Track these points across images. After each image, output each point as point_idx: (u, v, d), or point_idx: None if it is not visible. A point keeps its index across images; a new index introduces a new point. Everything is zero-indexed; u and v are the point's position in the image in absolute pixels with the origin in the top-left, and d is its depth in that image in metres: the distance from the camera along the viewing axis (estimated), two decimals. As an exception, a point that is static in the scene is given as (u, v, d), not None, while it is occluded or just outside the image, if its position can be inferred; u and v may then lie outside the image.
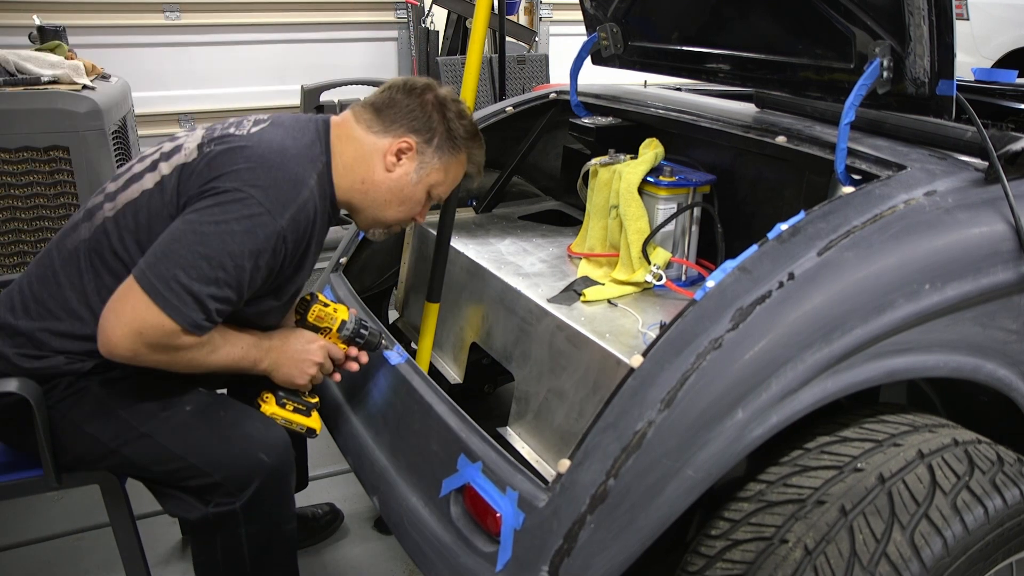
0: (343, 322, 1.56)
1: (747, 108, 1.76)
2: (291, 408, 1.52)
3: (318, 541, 2.05)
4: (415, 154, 1.49)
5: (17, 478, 1.48)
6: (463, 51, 4.71)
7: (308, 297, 1.56)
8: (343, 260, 2.03)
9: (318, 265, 1.72)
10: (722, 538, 1.12)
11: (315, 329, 1.55)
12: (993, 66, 4.94)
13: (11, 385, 1.36)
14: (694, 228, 1.72)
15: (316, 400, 1.57)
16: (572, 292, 1.61)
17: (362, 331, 1.57)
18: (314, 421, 1.55)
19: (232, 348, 1.41)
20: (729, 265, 1.17)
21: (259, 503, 1.41)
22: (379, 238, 1.63)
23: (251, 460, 1.40)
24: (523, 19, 5.38)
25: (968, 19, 5.22)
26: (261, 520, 1.43)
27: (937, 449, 1.11)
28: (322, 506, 2.10)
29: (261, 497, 1.40)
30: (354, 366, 1.60)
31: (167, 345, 1.30)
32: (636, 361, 1.14)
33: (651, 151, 1.72)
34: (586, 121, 1.99)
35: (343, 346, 1.57)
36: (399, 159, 1.49)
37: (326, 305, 1.56)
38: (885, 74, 1.36)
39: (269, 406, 1.50)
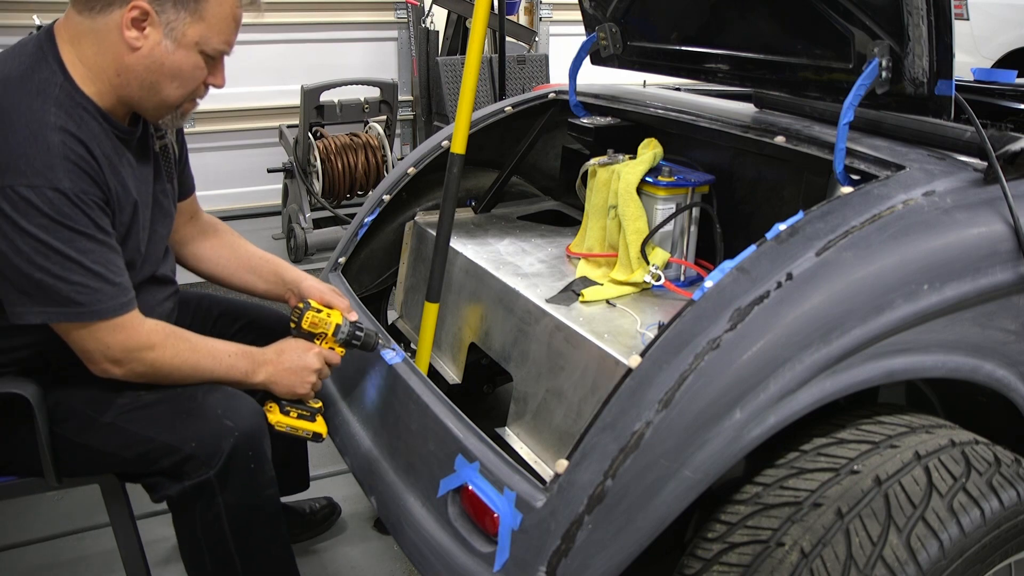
0: (337, 326, 1.55)
1: (746, 108, 1.75)
2: (295, 415, 1.53)
3: (316, 535, 2.05)
4: (154, 16, 1.27)
5: (17, 478, 1.48)
6: (463, 51, 4.71)
7: (301, 304, 1.55)
8: (342, 260, 2.02)
9: (317, 265, 1.72)
10: (718, 541, 1.12)
11: (310, 336, 1.54)
12: (993, 66, 4.94)
13: (11, 385, 1.36)
14: (693, 228, 1.72)
15: (320, 405, 1.57)
16: (571, 292, 1.61)
17: (357, 333, 1.56)
18: (319, 426, 1.56)
19: (211, 356, 1.42)
20: (727, 265, 1.17)
21: (233, 469, 1.40)
22: (180, 122, 1.47)
23: (217, 427, 1.39)
24: (523, 19, 5.38)
25: (968, 19, 5.21)
26: (238, 487, 1.42)
27: (934, 451, 1.11)
28: (319, 500, 2.10)
29: (234, 462, 1.40)
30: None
31: (127, 348, 1.32)
32: (634, 361, 1.14)
33: (650, 151, 1.72)
34: (585, 121, 1.99)
35: (340, 350, 1.57)
36: (141, 30, 1.27)
37: (319, 311, 1.55)
38: (884, 74, 1.35)
39: (273, 415, 1.51)
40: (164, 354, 1.37)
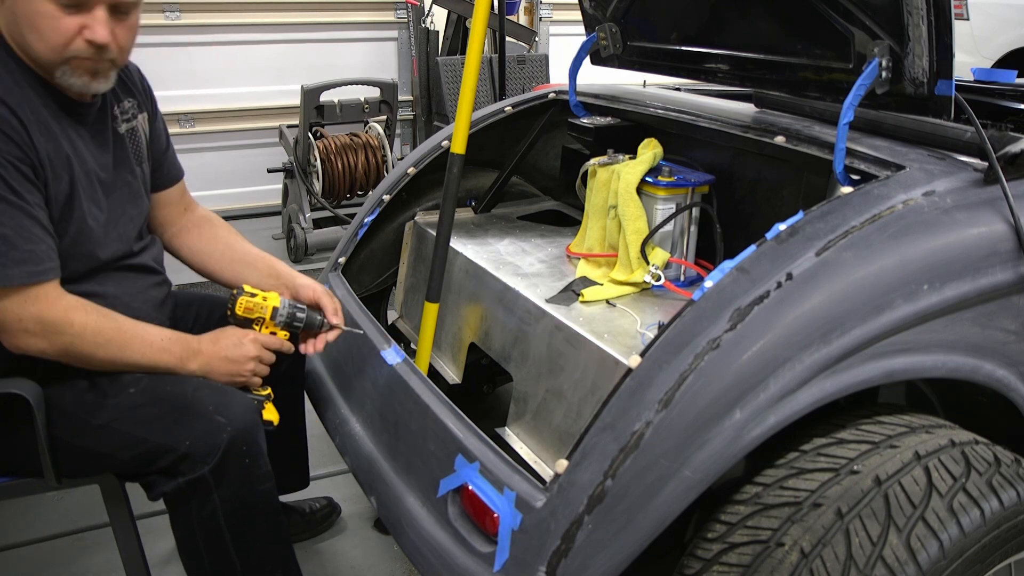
0: (275, 309, 1.50)
1: (746, 108, 1.75)
2: None
3: (316, 534, 2.05)
4: None
5: (17, 478, 1.48)
6: (463, 51, 4.71)
7: (235, 290, 1.50)
8: (342, 260, 2.03)
9: (317, 265, 1.72)
10: (718, 541, 1.12)
11: (247, 322, 1.50)
12: (993, 66, 4.94)
13: (11, 385, 1.36)
14: (693, 228, 1.72)
15: (268, 392, 1.54)
16: (571, 292, 1.61)
17: (298, 315, 1.52)
18: (267, 413, 1.52)
19: (140, 339, 1.38)
20: (727, 265, 1.17)
21: (228, 465, 1.39)
22: (72, 80, 1.33)
23: (210, 424, 1.38)
24: (523, 19, 5.38)
25: (968, 19, 5.22)
26: (233, 483, 1.41)
27: (934, 451, 1.11)
28: (319, 499, 2.10)
29: (229, 459, 1.38)
30: (310, 348, 1.57)
31: (42, 322, 1.29)
32: (634, 361, 1.14)
33: (650, 151, 1.72)
34: (585, 121, 1.99)
35: (283, 333, 1.53)
36: None
37: (253, 295, 1.50)
38: (884, 74, 1.35)
39: None
40: (85, 330, 1.34)
